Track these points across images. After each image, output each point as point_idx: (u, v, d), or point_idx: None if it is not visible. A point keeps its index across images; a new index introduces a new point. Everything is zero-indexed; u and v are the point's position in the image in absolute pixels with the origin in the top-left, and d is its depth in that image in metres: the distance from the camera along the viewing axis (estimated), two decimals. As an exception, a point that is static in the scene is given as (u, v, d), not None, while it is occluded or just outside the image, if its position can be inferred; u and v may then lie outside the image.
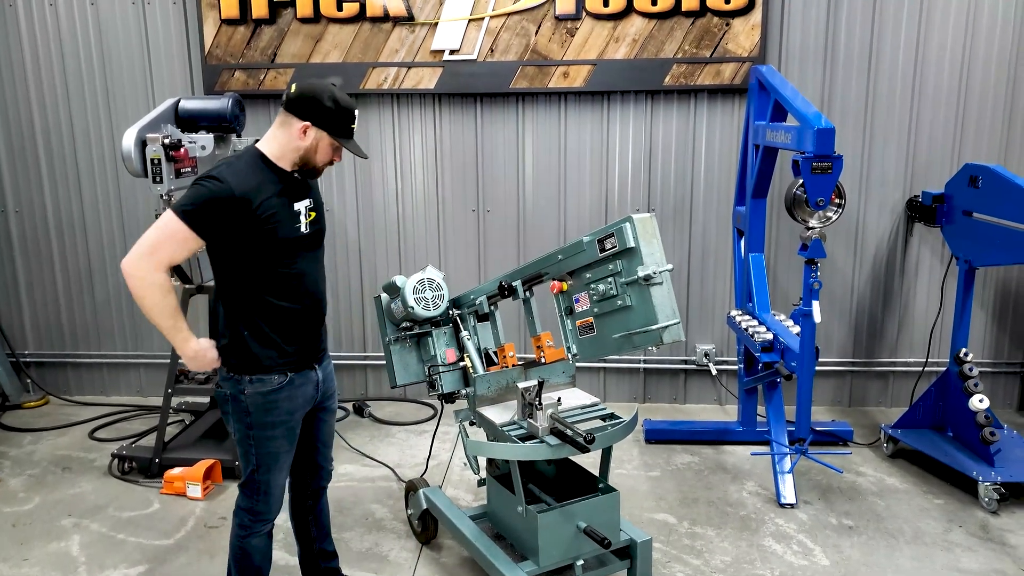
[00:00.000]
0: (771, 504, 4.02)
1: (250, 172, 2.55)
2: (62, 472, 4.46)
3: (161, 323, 2.55)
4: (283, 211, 2.59)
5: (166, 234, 2.48)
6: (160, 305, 2.52)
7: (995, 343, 5.17)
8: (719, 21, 4.78)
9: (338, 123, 2.60)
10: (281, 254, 2.61)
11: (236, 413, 2.67)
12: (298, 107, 2.57)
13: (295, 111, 2.57)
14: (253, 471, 2.72)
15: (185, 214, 2.46)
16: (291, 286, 2.65)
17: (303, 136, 2.57)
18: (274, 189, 2.58)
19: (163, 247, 2.49)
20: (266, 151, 2.62)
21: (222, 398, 2.71)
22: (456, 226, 5.24)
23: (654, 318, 2.61)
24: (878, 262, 5.11)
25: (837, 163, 3.49)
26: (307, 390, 2.76)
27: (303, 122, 2.56)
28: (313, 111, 2.56)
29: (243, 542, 2.81)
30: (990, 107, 4.84)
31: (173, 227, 2.47)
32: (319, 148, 2.61)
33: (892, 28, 4.79)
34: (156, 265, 2.49)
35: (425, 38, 4.93)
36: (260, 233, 2.53)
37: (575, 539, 2.98)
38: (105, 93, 5.19)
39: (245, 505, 2.78)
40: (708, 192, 5.07)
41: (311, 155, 2.62)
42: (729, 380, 5.30)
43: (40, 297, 5.52)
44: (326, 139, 2.60)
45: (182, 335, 2.58)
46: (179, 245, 2.50)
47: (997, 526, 3.80)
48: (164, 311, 2.53)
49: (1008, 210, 3.83)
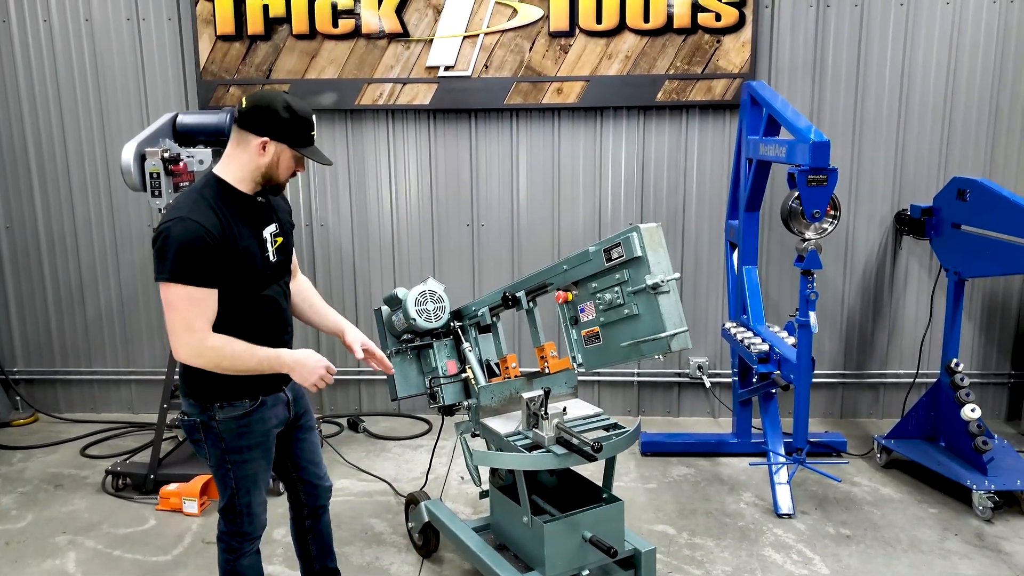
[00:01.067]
0: (769, 515, 4.04)
1: (217, 203, 2.41)
2: (54, 489, 4.40)
3: (252, 367, 2.43)
4: (252, 241, 2.49)
5: (183, 306, 2.34)
6: (236, 358, 2.41)
7: (983, 354, 5.24)
8: (710, 38, 4.86)
9: (297, 133, 2.46)
10: (251, 284, 2.50)
11: (209, 439, 2.56)
12: (252, 122, 2.42)
13: (250, 127, 2.43)
14: (233, 495, 2.63)
15: (185, 276, 2.32)
16: (259, 313, 2.56)
17: (262, 152, 2.43)
18: (242, 218, 2.47)
19: (192, 317, 2.35)
20: (226, 176, 2.48)
21: (191, 426, 2.57)
22: (450, 241, 5.26)
23: (662, 326, 2.63)
24: (867, 275, 5.18)
25: (832, 175, 3.55)
26: (279, 411, 2.67)
27: (260, 138, 2.42)
28: (269, 124, 2.41)
29: (234, 565, 2.72)
30: (975, 122, 4.94)
31: (188, 295, 2.33)
32: (280, 163, 2.47)
33: (879, 44, 4.89)
34: (202, 337, 2.36)
35: (420, 54, 4.97)
36: (234, 266, 2.42)
37: (580, 549, 2.98)
38: (99, 109, 5.17)
39: (230, 529, 2.69)
40: (700, 206, 5.13)
41: (273, 171, 2.48)
42: (723, 393, 5.33)
43: (30, 313, 5.47)
44: (287, 152, 2.46)
45: (269, 360, 2.46)
46: (202, 304, 2.36)
47: (992, 534, 3.84)
48: (243, 360, 2.42)
49: (996, 222, 3.90)
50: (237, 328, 2.47)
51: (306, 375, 2.50)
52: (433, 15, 4.92)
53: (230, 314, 2.46)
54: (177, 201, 2.44)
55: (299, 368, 2.50)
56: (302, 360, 2.50)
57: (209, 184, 2.48)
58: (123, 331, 5.44)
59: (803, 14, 4.87)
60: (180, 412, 2.62)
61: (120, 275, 5.36)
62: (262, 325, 2.57)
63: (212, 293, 2.38)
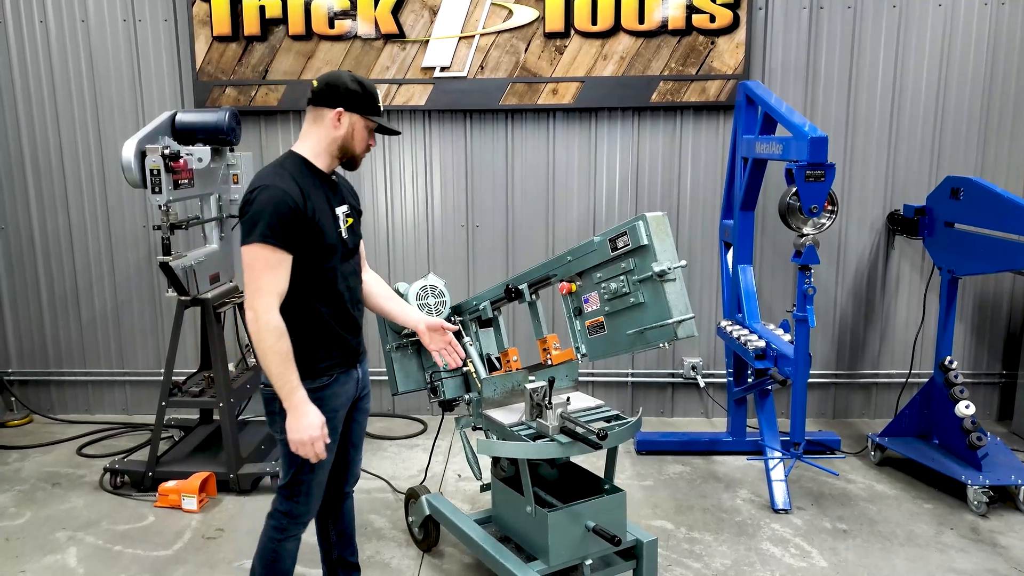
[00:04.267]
0: (765, 510, 4.07)
1: (297, 176, 2.52)
2: (52, 488, 4.38)
3: (271, 368, 2.44)
4: (327, 216, 2.58)
5: (259, 267, 2.42)
6: (272, 348, 2.42)
7: (974, 355, 5.30)
8: (704, 40, 4.91)
9: (367, 103, 2.59)
10: (325, 259, 2.58)
11: (284, 411, 2.55)
12: (325, 97, 2.56)
13: (323, 102, 2.56)
14: (296, 471, 2.65)
15: (266, 238, 2.40)
16: (334, 291, 2.63)
17: (338, 123, 2.57)
18: (319, 193, 2.57)
19: (266, 282, 2.42)
20: (304, 153, 2.60)
21: (269, 397, 2.62)
22: (445, 241, 5.28)
23: (668, 313, 2.65)
24: (860, 276, 5.23)
25: (830, 171, 3.59)
26: (349, 388, 2.74)
27: (335, 109, 2.55)
28: (341, 96, 2.55)
29: (278, 545, 2.74)
30: (966, 123, 5.01)
31: (268, 257, 2.42)
32: (355, 133, 2.60)
33: (871, 46, 4.96)
34: (267, 305, 2.42)
35: (416, 55, 5.00)
36: (310, 238, 2.51)
37: (583, 539, 3.00)
38: (95, 111, 5.17)
39: (284, 508, 2.72)
40: (694, 207, 5.17)
41: (349, 142, 2.61)
42: (717, 393, 5.36)
43: (24, 314, 5.44)
44: (360, 122, 2.59)
45: (291, 385, 2.46)
46: (279, 272, 2.44)
47: (987, 528, 3.88)
48: (276, 356, 2.43)
49: (990, 219, 3.96)
50: (313, 300, 2.57)
51: (299, 430, 2.48)
52: (429, 16, 4.95)
53: (307, 285, 2.54)
54: (259, 173, 2.54)
55: (300, 419, 2.48)
56: (309, 416, 2.49)
57: (288, 158, 2.60)
58: (117, 332, 5.42)
59: (796, 16, 4.93)
60: (262, 383, 2.65)
61: (115, 276, 5.35)
62: (335, 299, 2.64)
63: (287, 259, 2.45)
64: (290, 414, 2.48)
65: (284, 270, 2.46)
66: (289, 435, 2.50)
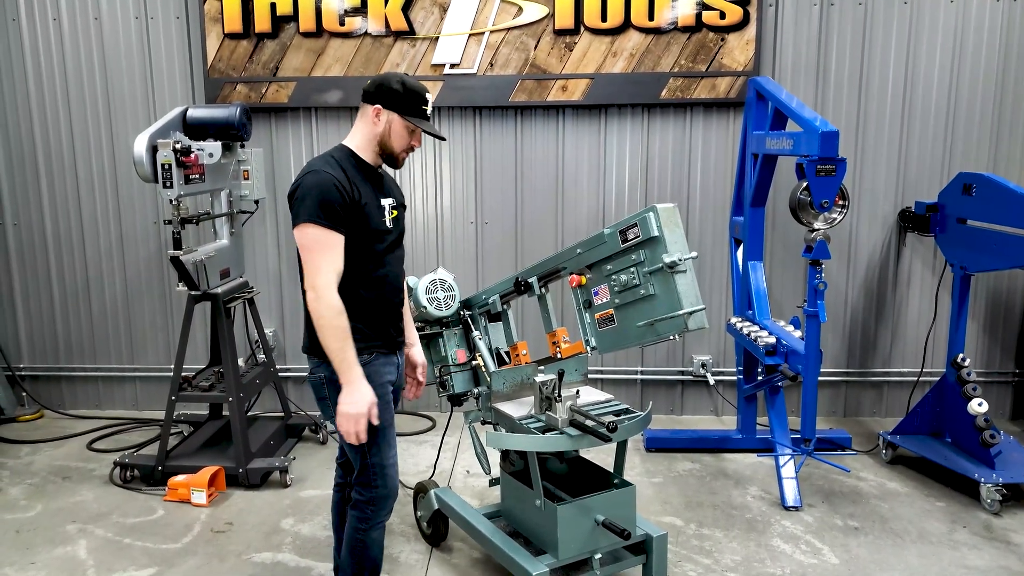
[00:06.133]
0: (776, 507, 4.05)
1: (345, 164, 2.62)
2: (62, 481, 4.40)
3: (332, 344, 2.52)
4: (373, 203, 2.66)
5: (316, 248, 2.51)
6: (333, 326, 2.50)
7: (987, 353, 5.26)
8: (714, 36, 4.90)
9: (407, 103, 2.65)
10: (371, 246, 2.65)
11: (335, 394, 2.60)
12: (370, 94, 2.66)
13: (367, 98, 2.67)
14: (364, 455, 2.69)
15: (321, 218, 2.50)
16: (378, 277, 2.70)
17: (376, 120, 2.65)
18: (365, 183, 2.66)
19: (323, 261, 2.51)
20: (351, 145, 2.70)
21: (318, 383, 2.70)
22: (455, 237, 5.28)
23: (679, 304, 2.64)
24: (871, 274, 5.21)
25: (841, 165, 3.58)
26: (391, 371, 2.79)
27: (373, 106, 2.64)
28: (382, 94, 2.64)
29: (364, 536, 2.78)
30: (978, 120, 4.98)
31: (320, 237, 2.51)
32: (392, 131, 2.67)
33: (883, 43, 4.93)
34: (327, 284, 2.51)
35: (426, 52, 5.00)
36: (356, 222, 2.59)
37: (592, 533, 2.99)
38: (107, 107, 5.20)
39: (364, 496, 2.76)
40: (704, 204, 5.16)
41: (387, 139, 2.68)
42: (726, 390, 5.34)
43: (36, 310, 5.47)
44: (397, 120, 2.65)
45: (348, 361, 2.53)
46: (334, 251, 2.54)
47: (1000, 526, 3.85)
48: (338, 332, 2.51)
49: (1003, 215, 3.93)
50: (358, 284, 2.63)
51: (349, 404, 2.54)
52: (439, 13, 4.96)
53: (352, 269, 2.61)
54: (309, 162, 2.64)
55: (353, 394, 2.54)
56: (362, 392, 2.55)
57: (337, 149, 2.70)
58: (128, 328, 5.44)
59: (807, 12, 4.92)
60: (309, 372, 2.73)
61: (125, 272, 5.37)
62: (379, 285, 2.71)
63: (340, 239, 2.55)
64: (345, 388, 2.54)
65: (339, 250, 2.55)
66: (339, 407, 2.55)
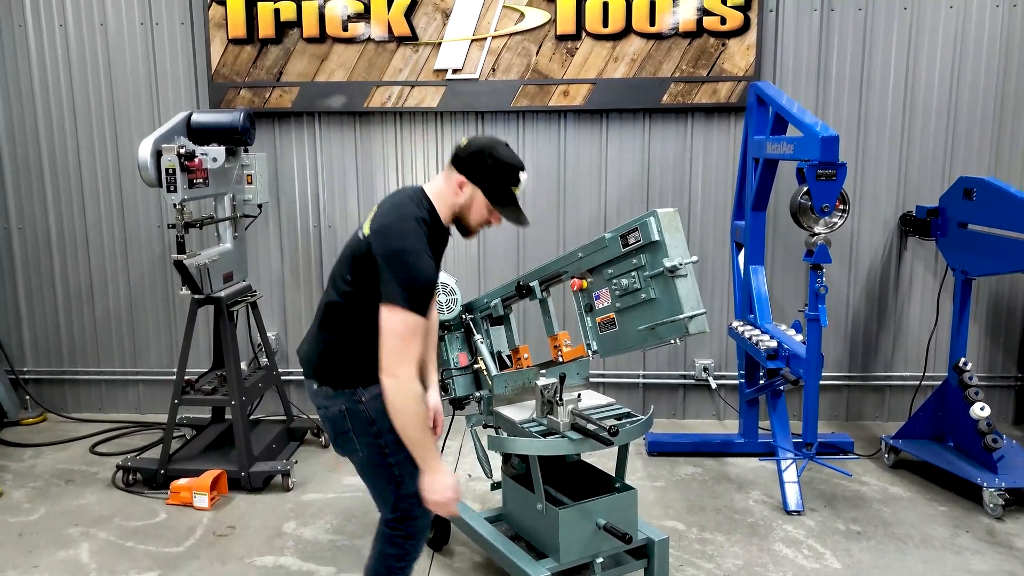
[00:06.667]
0: (778, 512, 4.05)
1: (431, 229, 2.46)
2: (65, 484, 4.41)
3: (413, 435, 2.38)
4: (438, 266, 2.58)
5: (407, 333, 2.34)
6: (416, 415, 2.37)
7: (989, 357, 5.26)
8: (715, 41, 4.91)
9: (495, 183, 2.51)
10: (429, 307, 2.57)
11: (360, 425, 2.51)
12: (461, 160, 2.51)
13: (457, 164, 2.51)
14: (397, 487, 2.56)
15: (417, 306, 2.35)
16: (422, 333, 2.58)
17: (459, 191, 2.51)
18: (437, 247, 2.53)
19: (409, 347, 2.35)
20: (433, 199, 2.54)
21: (336, 417, 2.53)
22: (457, 242, 5.25)
23: (679, 308, 2.65)
24: (872, 278, 5.21)
25: (841, 170, 3.59)
26: None
27: (460, 176, 2.50)
28: (471, 166, 2.49)
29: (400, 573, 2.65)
30: (979, 125, 4.99)
31: (413, 324, 2.34)
32: (473, 206, 2.53)
33: (883, 48, 4.95)
34: (410, 374, 2.35)
35: (428, 58, 5.02)
36: None
37: (594, 537, 2.99)
38: (111, 112, 5.22)
39: (405, 531, 2.61)
40: (705, 208, 5.17)
41: (466, 213, 2.55)
42: (728, 394, 5.35)
43: (40, 314, 5.49)
44: (480, 198, 2.52)
45: (430, 448, 2.41)
46: (418, 338, 2.37)
47: (1003, 531, 3.84)
48: (419, 422, 2.38)
49: (1004, 219, 3.94)
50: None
51: (437, 491, 2.43)
52: (441, 19, 4.98)
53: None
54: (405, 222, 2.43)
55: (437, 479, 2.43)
56: (445, 476, 2.45)
57: (423, 201, 2.51)
58: (131, 331, 5.46)
59: (807, 18, 4.93)
60: (320, 409, 2.58)
61: (129, 275, 5.39)
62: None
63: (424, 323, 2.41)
64: (428, 475, 2.43)
65: (423, 335, 2.42)
66: (426, 495, 2.44)
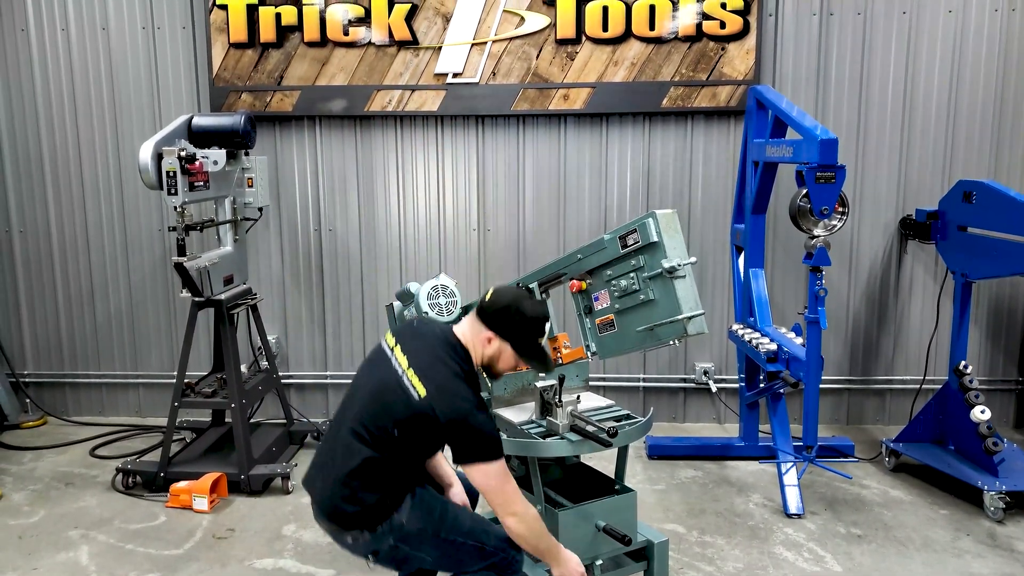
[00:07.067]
0: (778, 515, 4.04)
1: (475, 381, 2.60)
2: (65, 487, 4.42)
3: (540, 545, 2.58)
4: None
5: (505, 476, 2.52)
6: (540, 530, 2.58)
7: (990, 361, 5.25)
8: (715, 46, 4.92)
9: (524, 338, 2.63)
10: None
11: (414, 541, 2.60)
12: (488, 316, 2.63)
13: (484, 318, 2.63)
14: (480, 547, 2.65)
15: (499, 453, 2.51)
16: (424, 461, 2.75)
17: (487, 344, 2.63)
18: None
19: (511, 486, 2.54)
20: (464, 343, 2.65)
21: (389, 552, 2.61)
22: (457, 245, 5.30)
23: (678, 309, 2.65)
24: (872, 282, 5.21)
25: (840, 173, 3.59)
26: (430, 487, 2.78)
27: (489, 331, 2.62)
28: (499, 323, 2.61)
29: None
30: (978, 129, 5.00)
31: (503, 467, 2.51)
32: (502, 358, 2.66)
33: (882, 53, 4.96)
34: (524, 504, 2.55)
35: (429, 62, 5.04)
36: None
37: (593, 539, 2.98)
38: (113, 116, 5.24)
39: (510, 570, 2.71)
40: (705, 212, 5.17)
41: (494, 361, 2.67)
42: (729, 398, 5.34)
43: (41, 317, 5.50)
44: (509, 351, 2.64)
45: (557, 548, 2.63)
46: (510, 474, 2.56)
47: (1004, 534, 3.84)
48: (543, 533, 2.59)
49: (1003, 222, 3.94)
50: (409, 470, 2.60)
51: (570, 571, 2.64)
52: (442, 23, 4.99)
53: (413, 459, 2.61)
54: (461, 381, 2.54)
55: (568, 564, 2.65)
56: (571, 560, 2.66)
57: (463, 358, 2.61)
58: (132, 335, 5.46)
59: (807, 22, 4.94)
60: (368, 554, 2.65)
61: (130, 279, 5.40)
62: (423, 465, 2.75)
63: None
64: (560, 566, 2.63)
65: None
66: None
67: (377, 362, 2.66)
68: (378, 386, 2.58)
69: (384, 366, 2.61)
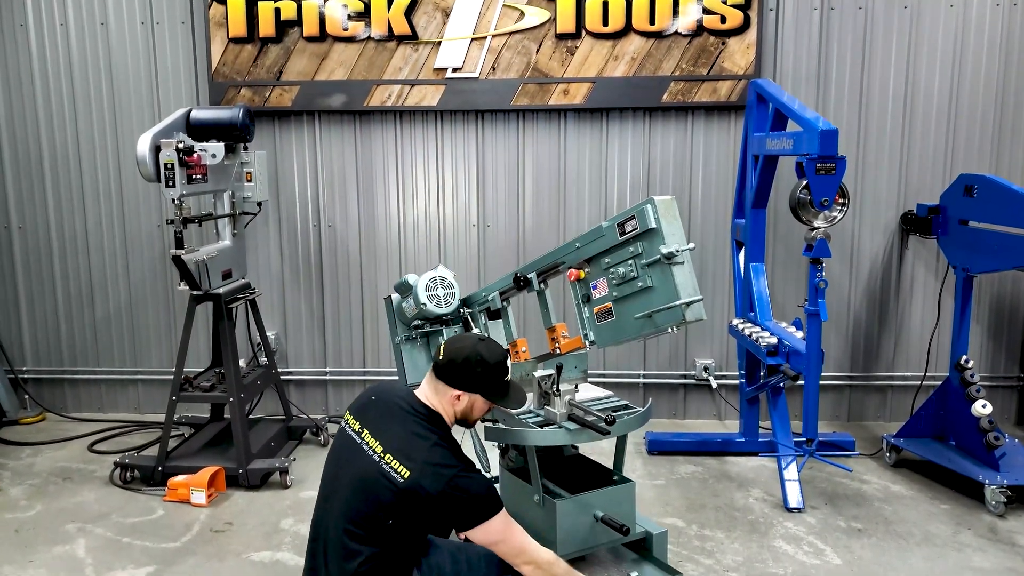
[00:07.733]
0: (778, 509, 4.02)
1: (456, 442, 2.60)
2: (63, 482, 4.41)
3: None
4: None
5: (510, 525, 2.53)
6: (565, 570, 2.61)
7: (991, 357, 5.23)
8: (715, 40, 4.91)
9: (491, 385, 2.63)
10: None
11: None
12: (448, 374, 2.59)
13: (445, 378, 2.60)
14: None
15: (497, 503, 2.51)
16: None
17: (457, 401, 2.62)
18: None
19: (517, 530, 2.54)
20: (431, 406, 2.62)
21: None
22: (457, 240, 5.29)
23: (676, 295, 2.63)
24: (873, 278, 5.19)
25: (840, 164, 3.58)
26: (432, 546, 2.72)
27: (453, 390, 2.60)
28: (462, 379, 2.59)
29: None
30: (979, 124, 4.98)
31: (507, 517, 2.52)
32: (474, 408, 2.67)
33: (883, 47, 4.94)
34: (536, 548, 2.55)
35: (428, 56, 5.03)
36: None
37: (592, 529, 2.97)
38: (112, 112, 5.23)
39: None
40: (705, 207, 5.16)
41: (468, 415, 2.67)
42: (729, 394, 5.32)
43: (40, 313, 5.49)
44: (480, 401, 2.65)
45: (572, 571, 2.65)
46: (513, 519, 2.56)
47: (1005, 528, 3.82)
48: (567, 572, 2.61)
49: (1004, 216, 3.93)
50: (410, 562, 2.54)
51: None
52: (441, 18, 4.99)
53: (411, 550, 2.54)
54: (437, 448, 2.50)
55: None
56: None
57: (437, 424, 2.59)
58: (131, 332, 5.45)
59: (807, 17, 4.93)
60: None
61: (129, 276, 5.39)
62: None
63: None
64: None
65: None
66: None
67: (347, 453, 2.57)
68: (358, 480, 2.48)
69: (358, 457, 2.51)
